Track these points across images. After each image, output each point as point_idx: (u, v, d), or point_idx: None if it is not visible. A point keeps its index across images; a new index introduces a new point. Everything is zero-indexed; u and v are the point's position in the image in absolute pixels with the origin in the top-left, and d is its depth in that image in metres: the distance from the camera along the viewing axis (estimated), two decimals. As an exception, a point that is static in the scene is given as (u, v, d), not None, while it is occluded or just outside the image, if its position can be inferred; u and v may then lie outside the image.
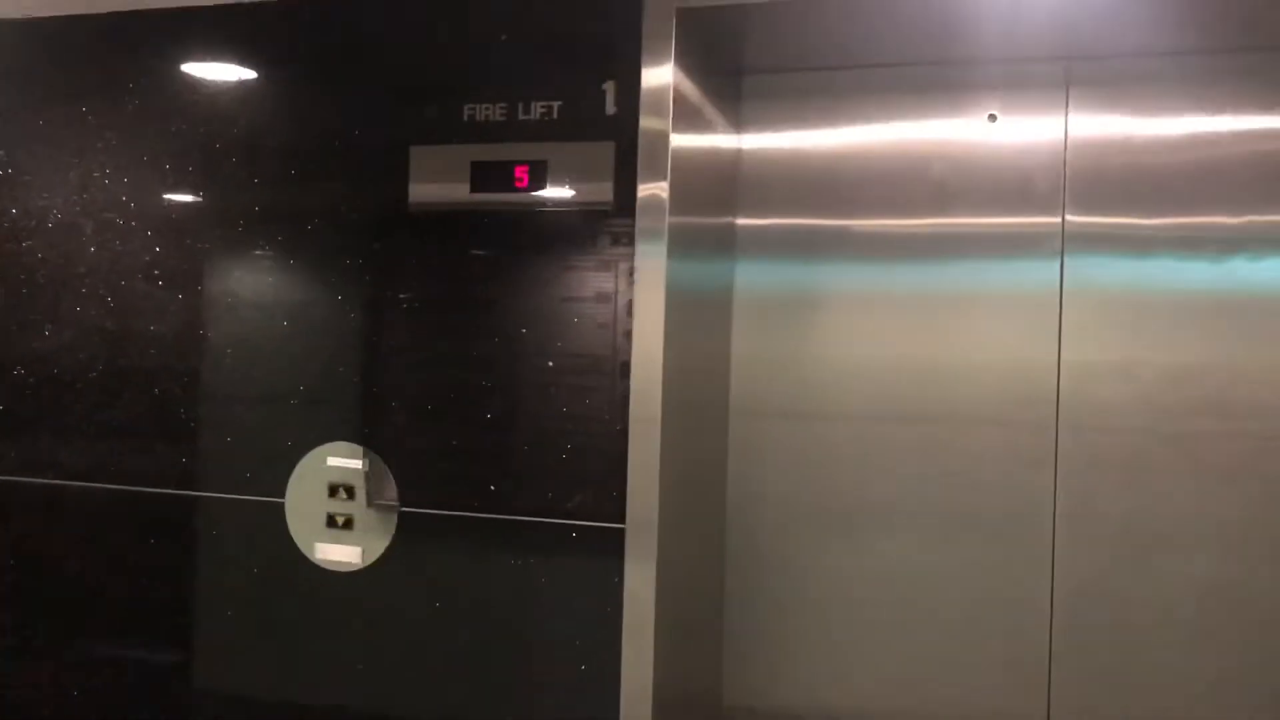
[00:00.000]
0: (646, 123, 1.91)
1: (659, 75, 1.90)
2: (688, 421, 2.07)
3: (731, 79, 2.30)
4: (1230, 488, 2.07)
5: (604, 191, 1.92)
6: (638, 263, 1.91)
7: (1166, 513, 2.10)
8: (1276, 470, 2.05)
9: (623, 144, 1.92)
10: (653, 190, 1.90)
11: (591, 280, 1.95)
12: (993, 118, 2.18)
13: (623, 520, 1.92)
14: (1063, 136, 2.16)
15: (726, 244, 2.31)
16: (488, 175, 1.97)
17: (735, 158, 2.33)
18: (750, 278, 2.33)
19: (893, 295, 2.24)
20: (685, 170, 1.98)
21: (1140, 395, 2.11)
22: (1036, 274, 2.16)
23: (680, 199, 1.95)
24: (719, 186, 2.26)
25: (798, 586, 2.30)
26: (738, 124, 2.32)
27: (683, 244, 1.98)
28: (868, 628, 2.26)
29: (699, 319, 2.15)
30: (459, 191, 1.99)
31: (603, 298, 1.94)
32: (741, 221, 2.34)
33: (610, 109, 1.91)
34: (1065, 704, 2.14)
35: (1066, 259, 2.15)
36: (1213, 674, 2.08)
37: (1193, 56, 2.09)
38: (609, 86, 1.90)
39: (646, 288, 1.91)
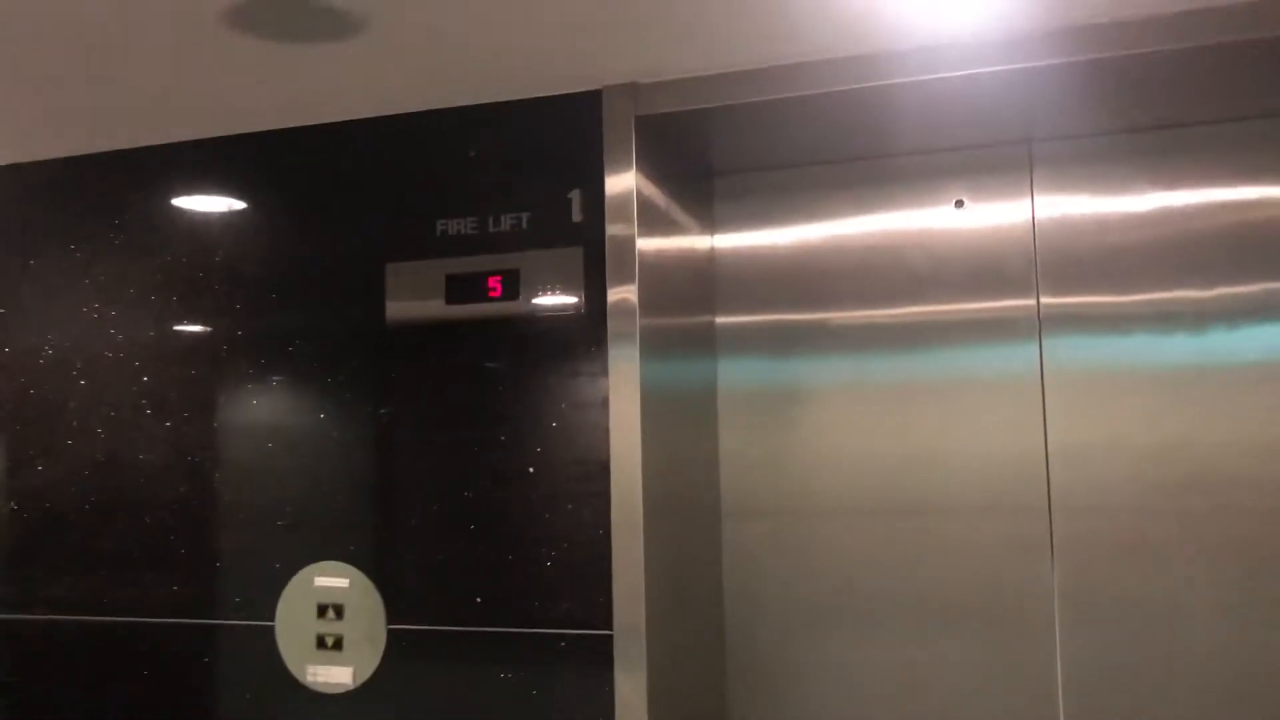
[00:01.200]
0: (612, 229, 1.94)
1: (621, 182, 1.94)
2: (675, 522, 2.06)
3: (701, 181, 2.34)
4: (1226, 561, 2.04)
5: (575, 296, 1.95)
6: (611, 365, 1.92)
7: (1164, 589, 2.07)
8: (1270, 541, 2.03)
9: (591, 249, 1.95)
10: (622, 294, 1.93)
11: (569, 385, 1.96)
12: (960, 203, 2.22)
13: (610, 627, 1.90)
14: (1030, 218, 2.18)
15: (706, 343, 2.33)
16: (462, 287, 2.00)
17: (710, 258, 2.36)
18: (733, 376, 2.34)
19: (875, 387, 2.25)
20: (655, 272, 2.01)
21: (1129, 473, 2.10)
22: (1016, 358, 2.17)
23: (651, 301, 1.97)
24: (694, 287, 2.28)
25: (799, 684, 2.26)
26: (711, 225, 2.36)
27: (657, 345, 2.00)
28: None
29: (680, 419, 2.15)
30: (435, 305, 2.02)
31: (581, 401, 1.95)
32: (721, 320, 2.36)
33: (577, 216, 1.95)
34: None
35: (1044, 341, 2.15)
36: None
37: (1149, 133, 2.12)
38: (575, 195, 1.95)
39: (621, 390, 1.91)
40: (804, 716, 2.26)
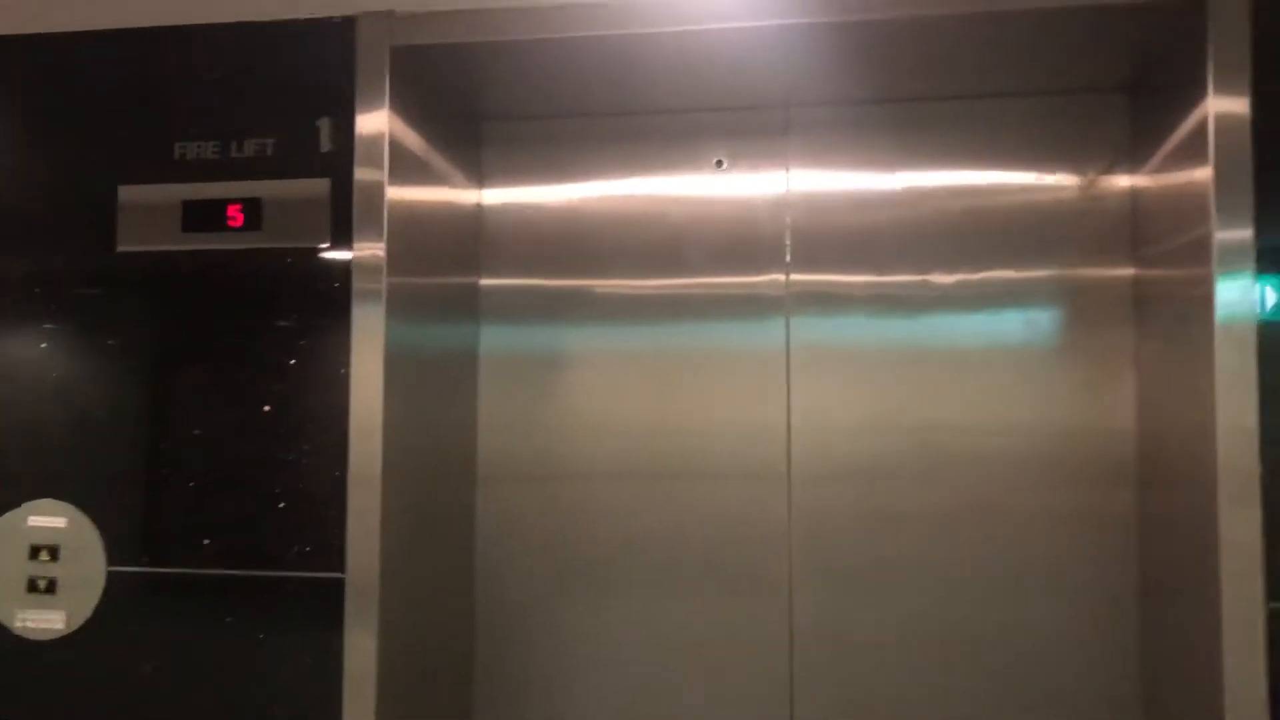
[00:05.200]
0: (361, 174, 1.87)
1: (373, 120, 1.87)
2: (421, 480, 2.02)
3: (467, 127, 2.30)
4: (952, 531, 2.16)
5: (321, 233, 1.88)
6: (355, 323, 1.85)
7: (892, 555, 2.18)
8: (994, 515, 2.15)
9: (340, 184, 1.89)
10: (368, 249, 1.86)
11: (312, 327, 1.89)
12: (720, 163, 2.25)
13: (343, 570, 1.84)
14: (785, 190, 2.24)
15: (469, 306, 2.30)
16: (200, 215, 1.91)
17: (476, 214, 2.33)
18: (496, 340, 2.33)
19: (634, 355, 2.28)
20: (409, 226, 1.95)
21: (864, 447, 2.19)
22: (764, 332, 2.24)
23: (403, 257, 1.92)
24: (457, 244, 2.25)
25: (547, 644, 2.28)
26: (478, 177, 2.33)
27: (408, 305, 1.95)
28: (618, 682, 2.25)
29: (433, 380, 2.11)
30: (170, 233, 1.92)
31: (324, 348, 1.88)
32: (485, 282, 2.33)
33: (326, 146, 1.88)
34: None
35: (791, 318, 2.23)
36: (939, 698, 2.15)
37: (903, 105, 2.20)
38: (324, 123, 1.88)
39: (363, 347, 1.85)
40: (551, 675, 2.27)
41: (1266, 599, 1.60)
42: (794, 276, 2.23)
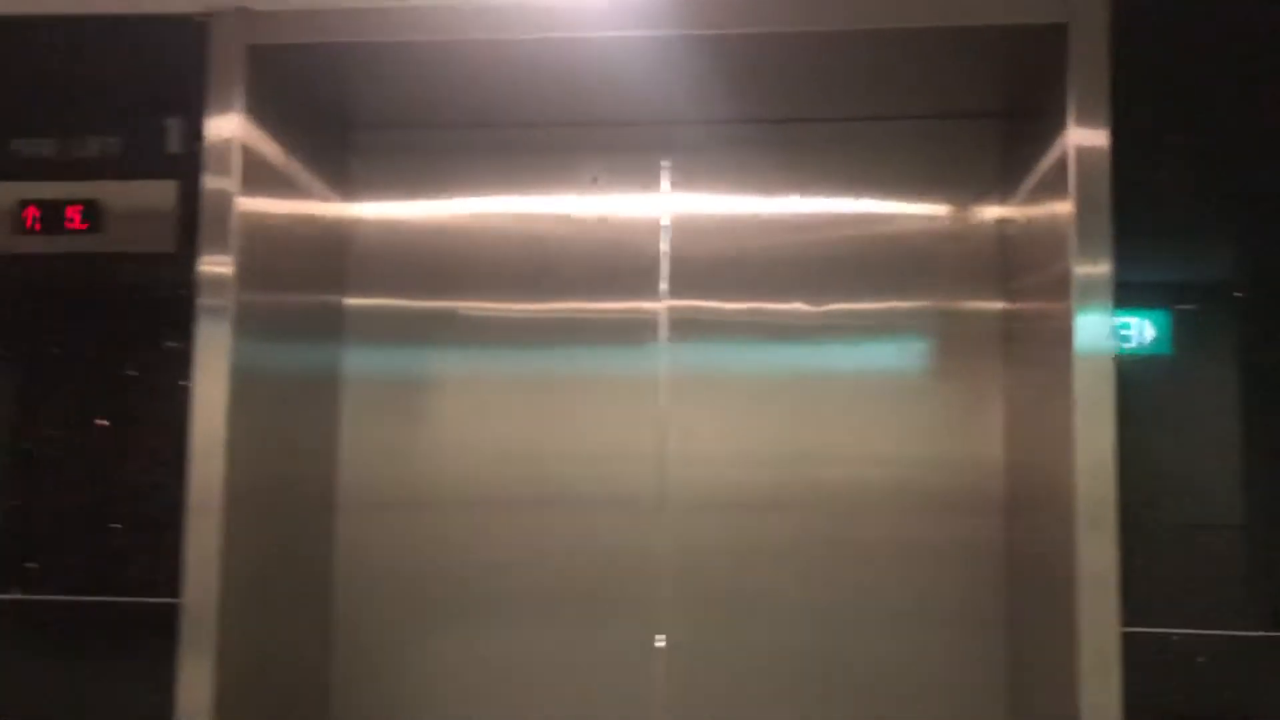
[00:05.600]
0: (210, 182, 1.77)
1: (225, 124, 1.78)
2: (272, 506, 1.94)
3: (335, 135, 2.22)
4: (822, 559, 2.14)
5: (166, 239, 1.78)
6: (198, 343, 1.76)
7: (763, 582, 2.15)
8: (858, 538, 2.14)
9: (189, 187, 1.79)
10: (215, 264, 1.77)
11: (155, 339, 1.79)
12: (595, 180, 2.21)
13: (178, 596, 1.74)
14: (660, 214, 2.21)
15: (332, 325, 2.22)
16: (36, 216, 1.79)
17: (343, 229, 2.24)
18: (360, 363, 2.25)
19: (505, 381, 2.23)
20: (264, 241, 1.87)
21: (738, 479, 2.16)
22: (639, 359, 2.20)
23: (256, 274, 1.83)
24: (320, 261, 2.16)
25: (412, 678, 2.20)
26: (347, 190, 2.25)
27: (262, 324, 1.86)
28: (481, 714, 2.18)
29: (288, 404, 2.02)
30: (2, 234, 1.80)
31: (166, 362, 1.78)
32: (350, 302, 2.25)
33: (174, 147, 1.79)
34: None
35: (668, 345, 2.19)
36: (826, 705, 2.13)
37: (781, 126, 2.19)
38: (172, 124, 1.79)
39: (208, 370, 1.76)
40: (413, 708, 2.19)
41: (1121, 623, 1.60)
42: (670, 302, 2.19)
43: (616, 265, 2.21)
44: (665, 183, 2.21)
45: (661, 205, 2.21)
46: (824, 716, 2.12)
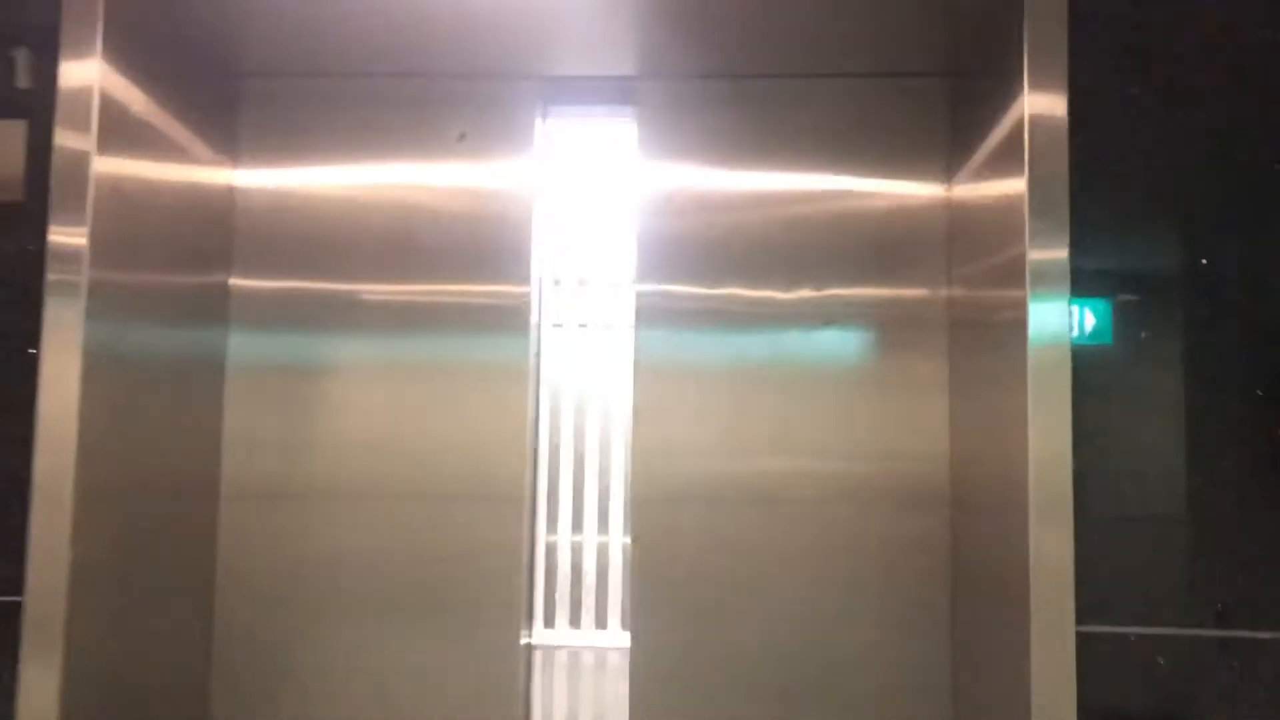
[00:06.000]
0: (63, 138, 1.55)
1: (80, 71, 1.55)
2: (141, 499, 1.77)
3: (220, 86, 2.00)
4: (786, 554, 2.01)
5: (12, 186, 1.56)
6: (46, 322, 1.56)
7: (694, 577, 2.02)
8: (798, 534, 2.01)
9: (40, 133, 1.56)
10: (66, 236, 1.56)
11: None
12: (462, 136, 2.06)
13: (20, 593, 1.55)
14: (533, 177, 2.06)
15: (215, 307, 2.03)
16: None
17: (228, 197, 2.04)
18: (245, 347, 2.08)
19: (383, 367, 2.10)
20: (128, 209, 1.66)
21: (697, 470, 2.04)
22: (509, 346, 2.08)
23: (114, 248, 1.63)
24: (200, 234, 1.96)
25: (288, 670, 2.06)
26: (233, 153, 2.03)
27: (122, 304, 1.67)
28: (359, 712, 2.05)
29: (162, 392, 1.84)
30: None
31: (12, 323, 1.57)
32: (236, 282, 2.06)
33: (24, 82, 1.56)
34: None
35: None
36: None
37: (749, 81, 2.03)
38: (20, 53, 1.55)
39: (57, 353, 1.56)
40: (296, 705, 2.06)
41: (1077, 622, 1.50)
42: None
43: (485, 252, 2.07)
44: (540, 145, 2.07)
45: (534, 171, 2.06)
46: (766, 710, 1.99)
